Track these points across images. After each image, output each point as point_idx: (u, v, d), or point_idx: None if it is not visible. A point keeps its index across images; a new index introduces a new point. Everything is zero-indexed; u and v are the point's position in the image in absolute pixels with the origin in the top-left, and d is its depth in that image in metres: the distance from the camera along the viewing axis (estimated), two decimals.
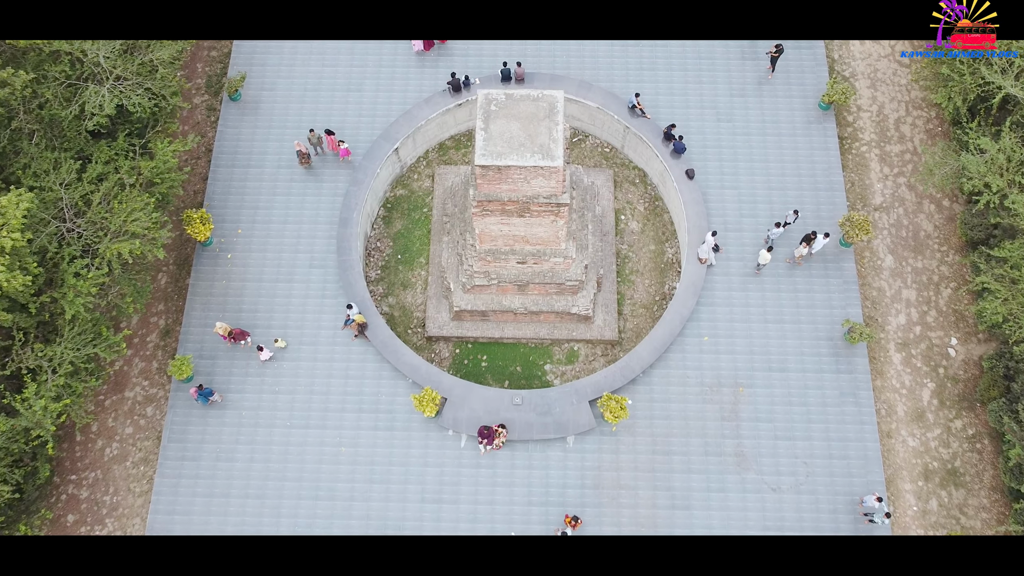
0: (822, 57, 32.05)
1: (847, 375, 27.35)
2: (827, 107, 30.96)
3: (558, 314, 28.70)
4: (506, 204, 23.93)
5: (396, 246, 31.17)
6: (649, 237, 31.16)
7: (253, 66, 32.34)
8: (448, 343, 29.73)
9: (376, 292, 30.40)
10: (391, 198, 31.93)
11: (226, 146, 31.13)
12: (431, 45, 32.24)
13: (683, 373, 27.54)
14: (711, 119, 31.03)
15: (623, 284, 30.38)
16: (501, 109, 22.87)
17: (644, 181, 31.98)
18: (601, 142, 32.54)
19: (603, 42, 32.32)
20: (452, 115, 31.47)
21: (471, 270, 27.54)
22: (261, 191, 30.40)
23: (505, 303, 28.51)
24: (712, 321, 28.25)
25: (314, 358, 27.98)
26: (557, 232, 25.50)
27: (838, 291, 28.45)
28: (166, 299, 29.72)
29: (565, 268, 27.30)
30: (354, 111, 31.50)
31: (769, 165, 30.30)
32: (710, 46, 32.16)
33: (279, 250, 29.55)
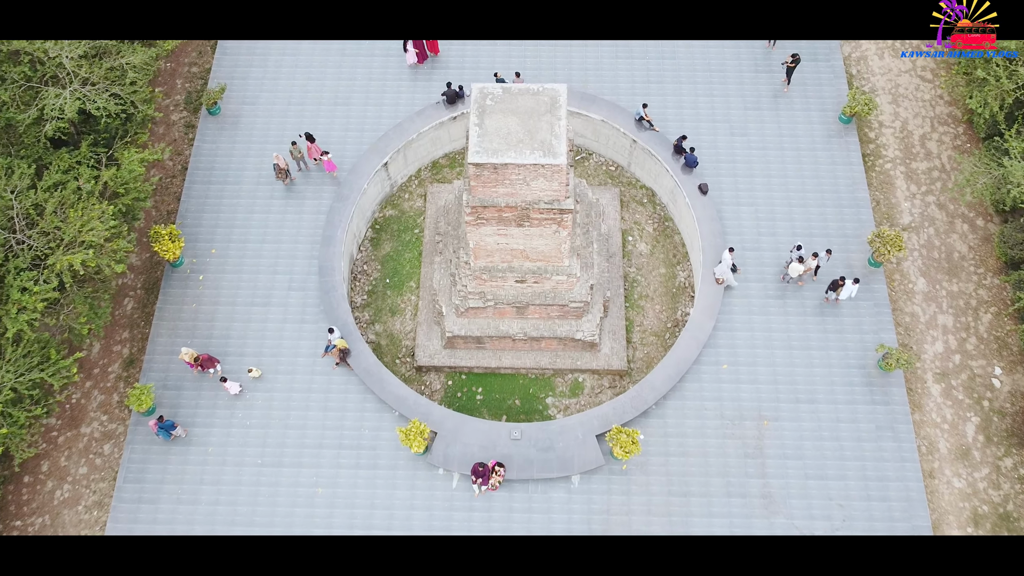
0: (840, 69, 30.12)
1: (883, 407, 24.57)
2: (848, 120, 28.87)
3: (561, 340, 26.04)
4: (503, 210, 21.53)
5: (384, 270, 28.69)
6: (659, 260, 28.71)
7: (234, 79, 30.37)
8: (440, 374, 26.99)
9: (361, 319, 27.80)
10: (380, 219, 29.58)
11: (202, 162, 28.91)
12: (424, 58, 30.35)
13: (700, 405, 24.75)
14: (724, 133, 28.90)
15: (632, 310, 27.81)
16: (498, 104, 20.67)
17: (653, 201, 29.69)
18: (606, 160, 30.37)
19: (606, 53, 30.46)
20: (446, 130, 29.35)
21: (465, 291, 25.00)
22: (238, 209, 28.07)
23: (502, 328, 25.89)
24: (731, 348, 25.58)
25: (290, 389, 25.22)
26: (560, 245, 23.05)
27: (869, 315, 25.86)
28: (131, 326, 27.08)
29: (568, 288, 24.76)
30: (341, 125, 29.40)
31: (788, 180, 28.05)
32: (720, 58, 30.27)
33: (255, 271, 27.05)
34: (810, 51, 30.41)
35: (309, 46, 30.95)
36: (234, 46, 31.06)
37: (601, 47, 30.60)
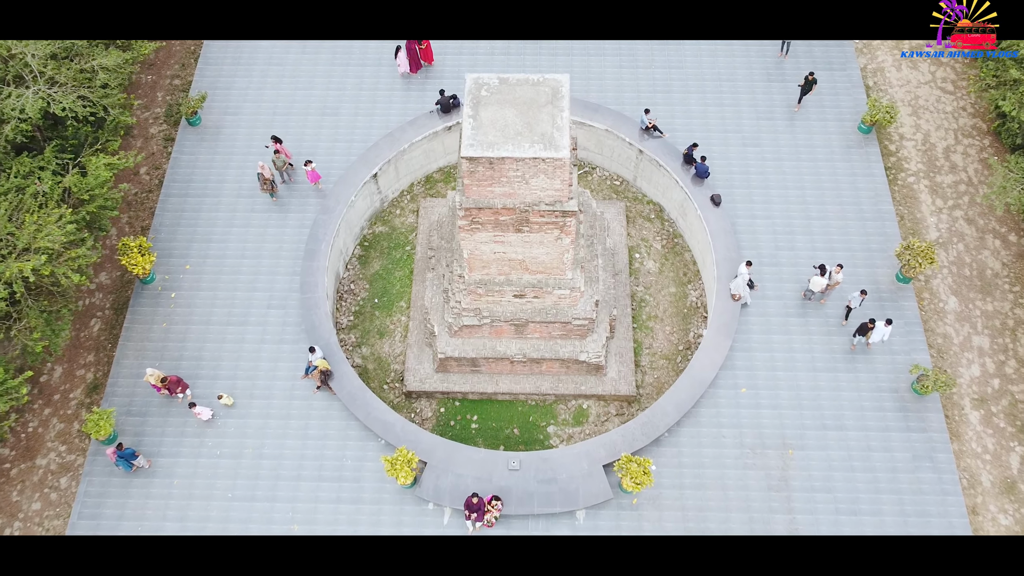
0: (857, 78, 28.50)
1: (919, 434, 22.26)
2: (868, 130, 27.13)
3: (563, 363, 23.85)
4: (500, 213, 19.57)
5: (373, 289, 26.63)
6: (668, 278, 26.67)
7: (217, 89, 28.74)
8: (431, 401, 24.73)
9: (347, 341, 25.64)
10: (369, 236, 27.63)
11: (179, 174, 27.08)
12: (418, 67, 28.76)
13: (717, 432, 22.45)
14: (736, 144, 27.13)
15: (640, 331, 25.67)
16: (494, 94, 18.87)
17: (661, 216, 27.78)
18: (610, 174, 28.56)
19: (610, 63, 28.89)
20: (440, 141, 27.60)
21: (459, 307, 22.90)
22: (216, 223, 26.13)
23: (499, 349, 23.71)
24: (750, 370, 23.38)
25: (266, 415, 22.94)
26: (562, 255, 21.04)
27: (899, 334, 23.71)
28: (98, 349, 24.92)
29: (571, 303, 22.67)
30: (328, 136, 27.65)
31: (806, 193, 26.18)
32: (730, 67, 28.69)
33: (232, 289, 24.99)
34: (825, 60, 28.87)
35: (296, 56, 29.43)
36: (217, 56, 29.52)
37: (604, 57, 29.07)
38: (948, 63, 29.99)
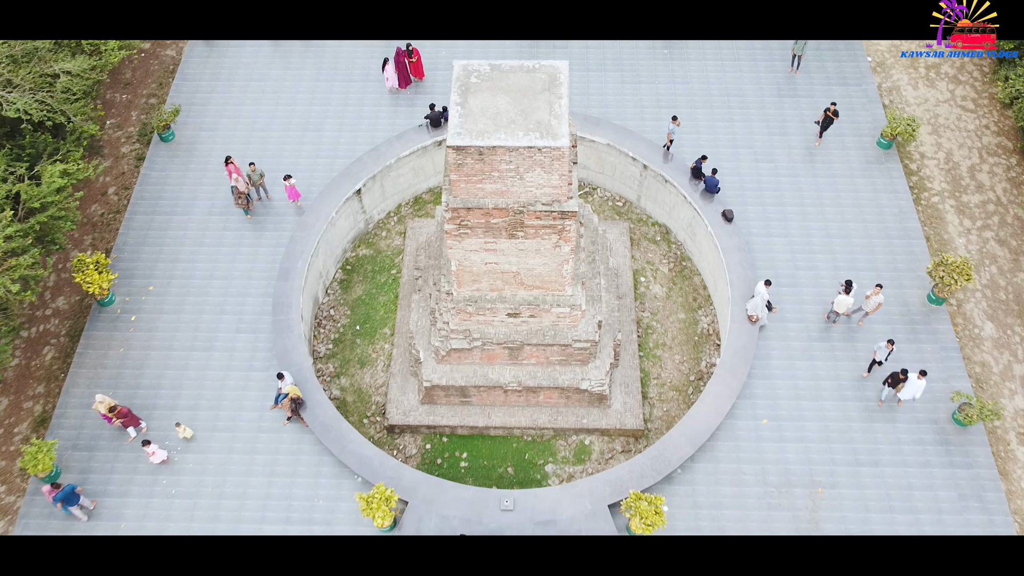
0: (874, 93, 26.83)
1: (964, 470, 19.75)
2: (888, 145, 25.30)
3: (563, 391, 21.45)
4: (491, 214, 17.48)
5: (355, 315, 24.38)
6: (677, 304, 24.46)
7: (193, 104, 27.00)
8: (416, 436, 22.23)
9: (325, 372, 23.27)
10: (352, 259, 25.51)
11: (148, 191, 25.10)
12: (407, 82, 27.09)
13: (737, 468, 19.92)
14: (747, 159, 25.28)
15: (647, 360, 23.33)
16: (485, 82, 16.99)
17: (667, 238, 25.73)
18: (612, 195, 26.63)
19: (611, 79, 27.25)
20: (430, 158, 25.73)
21: (447, 329, 20.62)
22: (184, 241, 24.02)
23: (492, 376, 21.34)
24: (772, 399, 20.98)
25: (229, 449, 20.43)
26: (561, 266, 18.88)
27: (935, 359, 21.40)
28: (49, 379, 22.55)
29: (572, 324, 20.40)
30: (310, 152, 25.78)
31: (825, 210, 24.18)
32: (739, 83, 27.04)
33: (198, 311, 22.72)
34: (838, 75, 27.25)
35: (279, 72, 27.81)
36: (195, 72, 27.89)
37: (605, 72, 27.46)
38: (967, 81, 28.42)
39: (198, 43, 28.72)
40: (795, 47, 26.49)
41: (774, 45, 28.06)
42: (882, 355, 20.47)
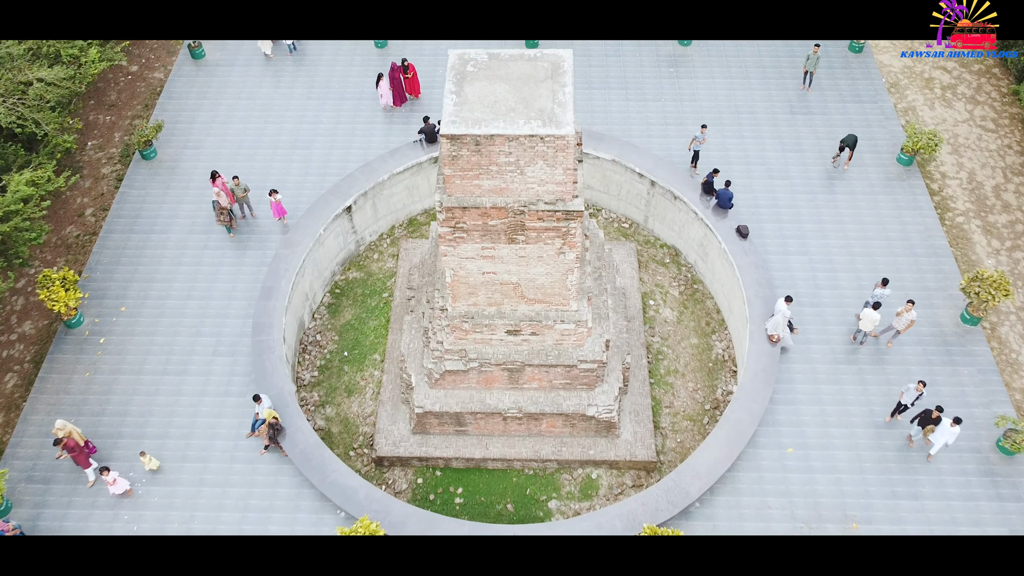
0: (890, 110, 25.65)
1: (1014, 503, 17.79)
2: (909, 161, 23.99)
3: (567, 419, 19.61)
4: (489, 214, 15.95)
5: (343, 341, 22.68)
6: (688, 328, 22.78)
7: (178, 123, 25.80)
8: (406, 469, 20.30)
9: (309, 400, 21.46)
10: (341, 282, 23.93)
11: (125, 209, 23.68)
12: (402, 100, 25.93)
13: (761, 502, 17.97)
14: (761, 176, 23.93)
15: (658, 387, 21.55)
16: (482, 70, 15.67)
17: (677, 261, 24.20)
18: (617, 216, 25.20)
19: (615, 97, 26.11)
20: (425, 176, 24.39)
21: (440, 349, 18.90)
22: (162, 260, 22.49)
23: (490, 402, 19.53)
24: (797, 426, 19.14)
25: (199, 482, 18.50)
26: (565, 276, 17.28)
27: (972, 383, 19.64)
28: (10, 408, 20.76)
29: (577, 342, 18.69)
30: (299, 169, 24.45)
31: (845, 227, 22.71)
32: (749, 100, 25.89)
33: (173, 334, 21.04)
34: (852, 93, 26.13)
35: (269, 90, 26.70)
36: (181, 90, 26.79)
37: (609, 90, 26.34)
38: (985, 101, 27.30)
39: (186, 62, 27.70)
40: (807, 63, 25.43)
41: (784, 63, 27.05)
42: (910, 398, 18.40)
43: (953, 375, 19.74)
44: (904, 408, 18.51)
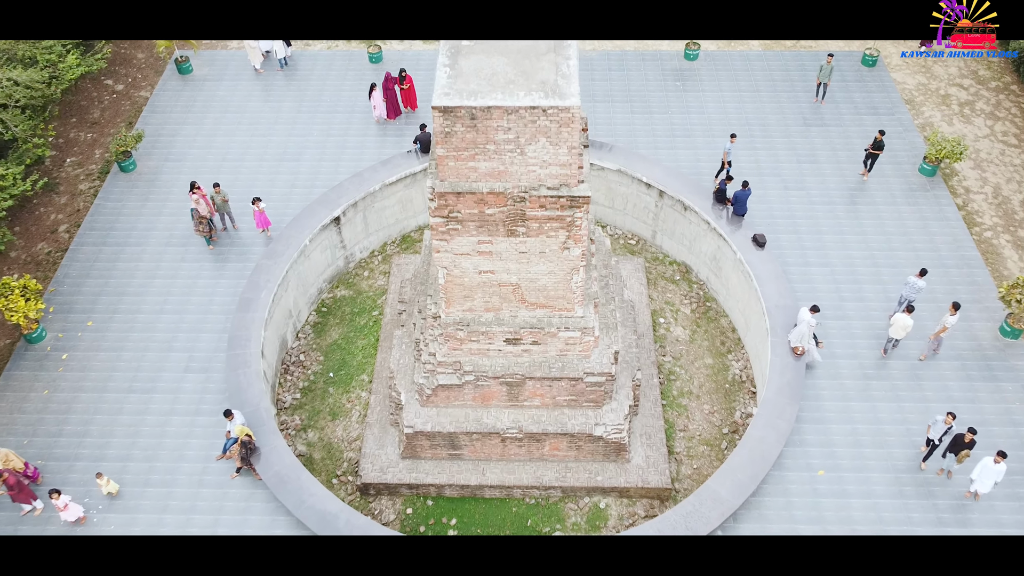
0: (909, 122, 24.49)
1: None
2: (932, 171, 22.69)
3: (573, 440, 17.76)
4: (486, 201, 14.46)
5: (328, 361, 20.96)
6: (702, 348, 21.09)
7: (161, 136, 24.58)
8: (394, 498, 18.36)
9: (290, 424, 19.64)
10: (329, 300, 22.33)
11: (99, 221, 22.25)
12: (397, 113, 24.75)
13: (792, 528, 16.00)
14: (775, 186, 22.57)
15: (671, 409, 19.75)
16: (479, 43, 14.39)
17: (688, 278, 22.66)
18: (624, 232, 23.76)
19: (619, 111, 24.95)
20: (420, 188, 23.02)
21: (433, 362, 17.19)
22: (134, 274, 20.93)
23: (487, 421, 17.71)
24: (827, 447, 17.29)
25: (162, 508, 16.57)
26: (570, 275, 15.69)
27: (1019, 400, 17.84)
28: None
29: (583, 353, 16.99)
30: (286, 181, 23.10)
31: (868, 238, 21.24)
32: (760, 113, 24.72)
33: (142, 349, 19.34)
34: (868, 106, 24.99)
35: (257, 104, 25.57)
36: (167, 104, 25.65)
37: (613, 103, 25.19)
38: (1005, 117, 26.12)
39: (172, 77, 26.64)
40: (820, 74, 24.33)
41: (795, 76, 26.00)
42: (937, 431, 16.40)
43: (996, 391, 17.97)
44: (934, 445, 16.51)
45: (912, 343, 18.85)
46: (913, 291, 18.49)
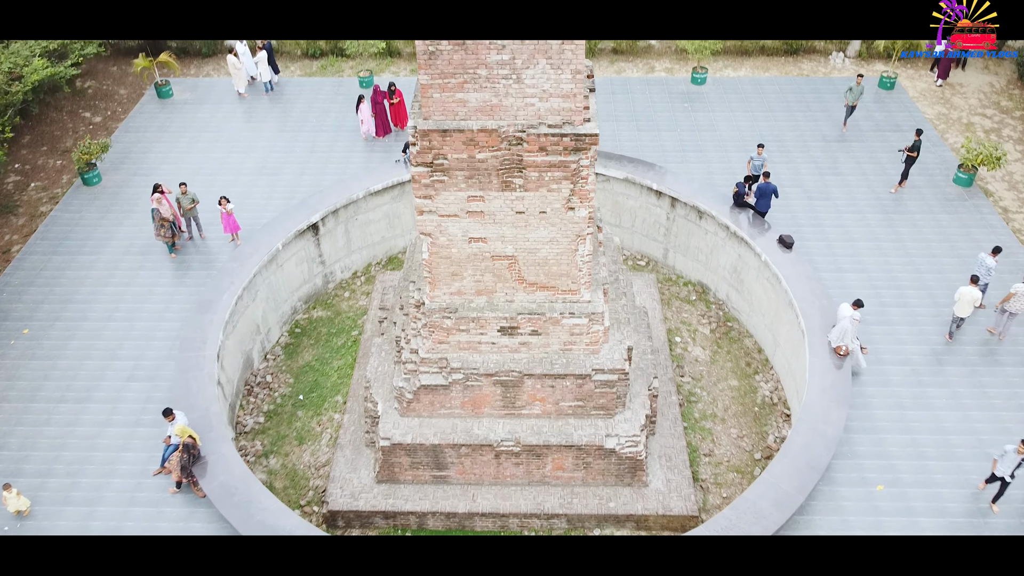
0: (936, 137, 22.85)
1: None
2: (968, 181, 20.82)
3: (580, 455, 14.96)
4: (477, 142, 12.38)
5: (299, 384, 18.35)
6: (725, 369, 18.53)
7: (132, 152, 22.90)
8: (367, 530, 15.36)
9: (250, 449, 16.85)
10: (303, 321, 19.93)
11: (52, 231, 20.18)
12: (386, 130, 23.13)
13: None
14: (799, 197, 20.61)
15: (694, 433, 17.00)
16: None
17: (705, 298, 20.35)
18: (632, 253, 21.64)
19: (625, 128, 23.36)
20: (409, 202, 21.04)
21: (416, 359, 14.66)
22: (84, 282, 18.65)
23: (478, 432, 14.97)
24: (885, 459, 14.51)
25: (82, 528, 13.62)
26: (574, 246, 13.44)
27: None
28: None
29: (591, 345, 14.48)
30: (263, 193, 21.18)
31: (906, 245, 19.09)
32: (775, 130, 23.10)
33: (81, 357, 16.82)
34: (890, 124, 23.43)
35: (239, 124, 24.04)
36: (142, 124, 24.13)
37: (618, 121, 23.63)
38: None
39: (151, 101, 25.21)
40: (848, 95, 22.65)
41: (809, 98, 24.60)
42: (1008, 466, 13.31)
43: None
44: (1004, 484, 13.63)
45: (974, 338, 16.37)
46: (984, 270, 16.27)
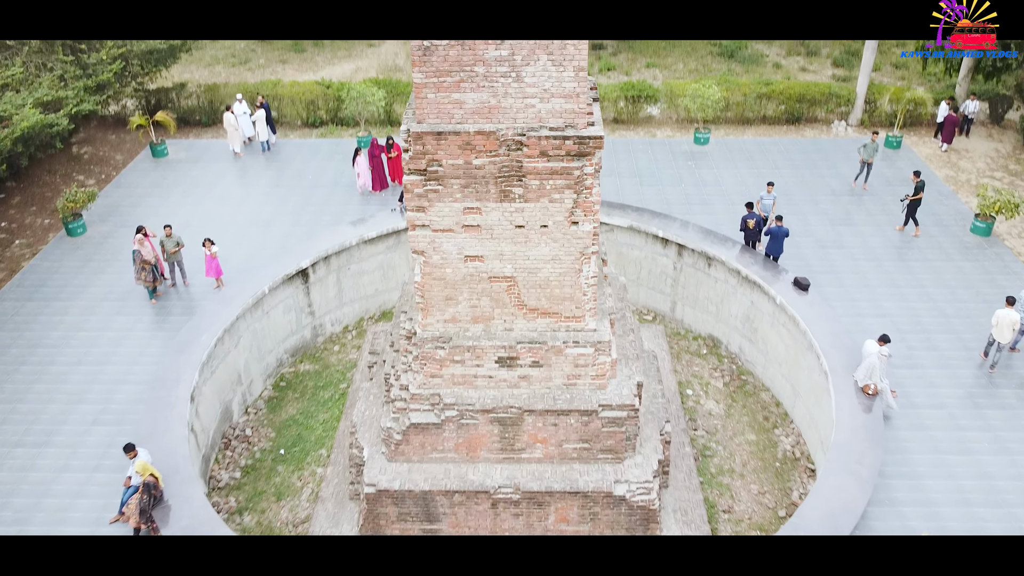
0: (947, 189, 22.36)
1: None
2: (986, 230, 20.03)
3: (586, 503, 13.44)
4: (474, 145, 11.59)
5: (280, 438, 16.95)
6: (742, 423, 17.17)
7: (122, 207, 22.27)
8: None
9: (223, 505, 15.30)
10: (289, 375, 18.69)
11: (29, 279, 19.25)
12: (383, 185, 22.57)
13: None
14: (811, 247, 19.77)
15: (711, 488, 15.50)
16: None
17: (716, 352, 19.19)
18: (638, 308, 20.62)
19: (628, 184, 22.82)
20: (405, 252, 20.20)
21: (406, 396, 13.40)
22: (57, 327, 17.55)
23: (473, 478, 13.51)
24: (928, 506, 13.00)
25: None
26: (579, 265, 12.44)
27: None
28: None
29: (598, 378, 13.24)
30: (253, 244, 20.33)
31: (929, 291, 18.08)
32: (783, 186, 22.51)
33: (44, 401, 15.53)
34: (900, 178, 22.86)
35: (232, 180, 23.53)
36: (134, 180, 23.67)
37: (620, 177, 23.09)
38: None
39: (145, 159, 24.82)
40: (863, 152, 22.16)
41: (815, 157, 24.18)
42: None
43: None
44: None
45: (1011, 380, 15.09)
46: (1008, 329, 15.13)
